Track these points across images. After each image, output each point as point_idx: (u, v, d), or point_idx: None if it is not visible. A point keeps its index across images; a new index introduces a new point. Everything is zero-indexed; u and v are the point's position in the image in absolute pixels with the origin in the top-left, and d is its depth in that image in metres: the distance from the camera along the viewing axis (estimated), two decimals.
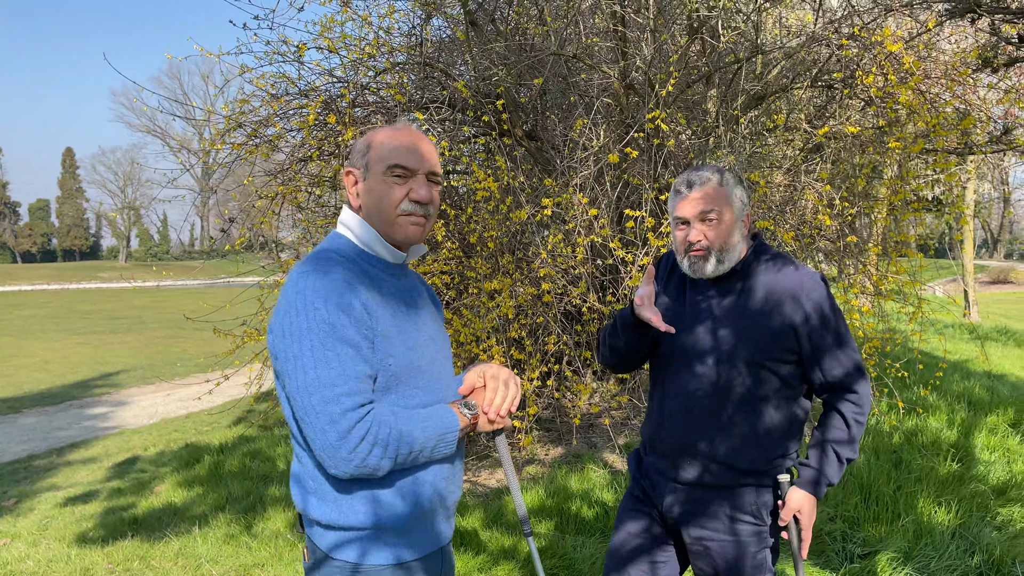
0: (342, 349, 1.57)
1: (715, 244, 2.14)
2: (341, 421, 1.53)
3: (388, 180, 1.73)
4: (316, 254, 1.70)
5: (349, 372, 1.57)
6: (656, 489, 2.28)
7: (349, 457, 1.54)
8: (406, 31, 6.35)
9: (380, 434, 1.57)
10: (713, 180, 2.15)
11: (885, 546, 4.06)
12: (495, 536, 4.31)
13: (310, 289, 1.59)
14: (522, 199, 5.10)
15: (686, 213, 2.16)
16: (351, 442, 1.54)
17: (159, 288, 43.63)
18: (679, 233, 2.20)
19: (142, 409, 10.50)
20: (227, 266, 15.33)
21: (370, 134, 1.80)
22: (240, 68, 5.88)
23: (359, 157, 1.78)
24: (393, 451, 1.59)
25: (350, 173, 1.80)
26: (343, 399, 1.54)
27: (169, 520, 5.03)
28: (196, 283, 51.08)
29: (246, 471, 5.99)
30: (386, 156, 1.74)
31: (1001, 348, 10.72)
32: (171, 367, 14.24)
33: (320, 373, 1.55)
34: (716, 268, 2.16)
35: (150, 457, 7.25)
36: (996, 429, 6.11)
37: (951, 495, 4.68)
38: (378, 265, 1.77)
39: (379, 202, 1.75)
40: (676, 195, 2.21)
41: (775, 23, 6.68)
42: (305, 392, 1.56)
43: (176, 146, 69.11)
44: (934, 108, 5.38)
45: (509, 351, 5.09)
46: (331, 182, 6.34)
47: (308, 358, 1.56)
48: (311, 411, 1.55)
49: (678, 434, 2.20)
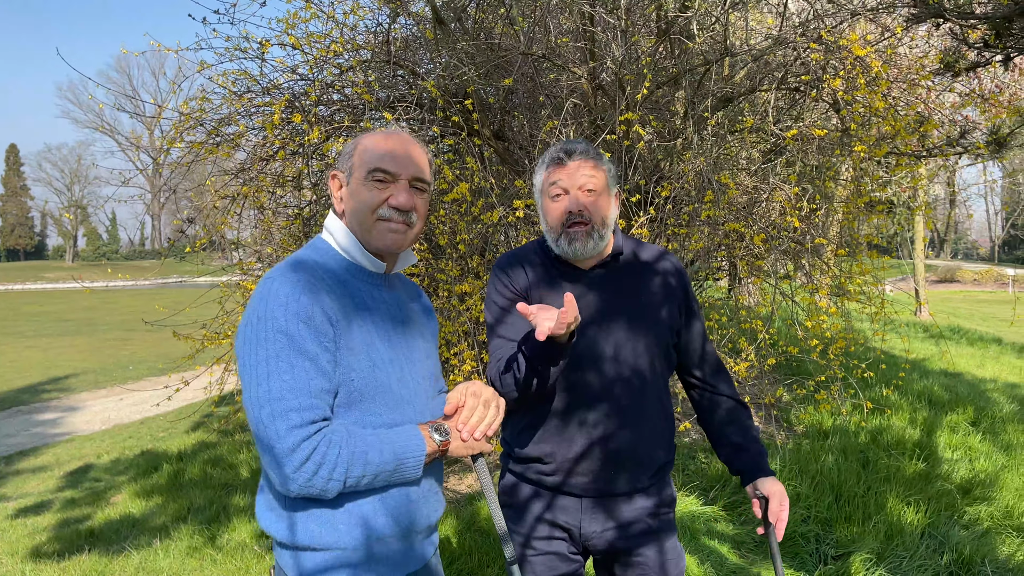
0: (297, 361, 1.49)
1: (596, 218, 1.96)
2: (287, 438, 1.46)
3: (368, 184, 1.66)
4: (290, 260, 1.62)
5: (302, 386, 1.49)
6: (568, 512, 2.03)
7: (294, 476, 1.46)
8: (372, 28, 6.22)
9: (328, 455, 1.48)
10: (591, 152, 2.01)
11: (858, 547, 4.08)
12: (467, 541, 4.23)
13: (272, 296, 1.52)
14: (493, 200, 5.03)
15: (566, 181, 1.96)
16: (296, 460, 1.46)
17: (108, 289, 42.55)
18: (555, 204, 1.98)
19: (94, 415, 10.18)
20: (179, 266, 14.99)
21: (360, 137, 1.72)
22: (200, 64, 5.70)
23: (345, 160, 1.71)
24: (342, 474, 1.50)
25: (335, 176, 1.72)
26: (291, 415, 1.47)
27: (128, 532, 4.85)
28: (147, 284, 49.90)
29: (208, 479, 5.81)
30: (369, 160, 1.67)
31: (955, 347, 10.96)
32: (123, 371, 13.85)
33: (272, 385, 1.47)
34: (597, 246, 1.98)
35: (104, 465, 7.01)
36: (957, 428, 6.21)
37: (919, 495, 4.74)
38: (358, 275, 1.69)
39: (359, 207, 1.67)
40: (554, 163, 2.00)
41: (743, 26, 6.71)
42: (256, 404, 1.48)
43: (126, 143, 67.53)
44: (896, 112, 5.45)
45: (480, 355, 5.01)
46: (295, 182, 6.19)
47: (262, 368, 1.49)
48: (260, 424, 1.48)
49: (601, 443, 1.98)
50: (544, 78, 6.29)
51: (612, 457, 1.99)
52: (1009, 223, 55.15)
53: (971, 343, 11.67)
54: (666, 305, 2.06)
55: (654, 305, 2.05)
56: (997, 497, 4.82)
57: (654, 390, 2.03)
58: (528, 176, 5.56)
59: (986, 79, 7.27)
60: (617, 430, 1.99)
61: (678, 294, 2.09)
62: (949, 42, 6.26)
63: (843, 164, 6.41)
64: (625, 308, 2.03)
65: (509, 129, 6.47)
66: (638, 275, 2.08)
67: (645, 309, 2.04)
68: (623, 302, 2.04)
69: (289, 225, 6.49)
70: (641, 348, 2.00)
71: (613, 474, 2.00)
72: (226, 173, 6.28)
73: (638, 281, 2.07)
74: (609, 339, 1.99)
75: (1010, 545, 4.25)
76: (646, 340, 2.00)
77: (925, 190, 13.82)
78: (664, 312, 2.05)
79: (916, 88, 5.67)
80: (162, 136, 5.80)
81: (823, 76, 5.36)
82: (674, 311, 2.08)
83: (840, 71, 5.18)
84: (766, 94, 6.11)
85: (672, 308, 2.07)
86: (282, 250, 6.35)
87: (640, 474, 2.02)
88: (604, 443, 1.98)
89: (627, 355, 1.99)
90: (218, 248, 7.92)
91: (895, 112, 5.32)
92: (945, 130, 6.11)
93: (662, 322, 2.04)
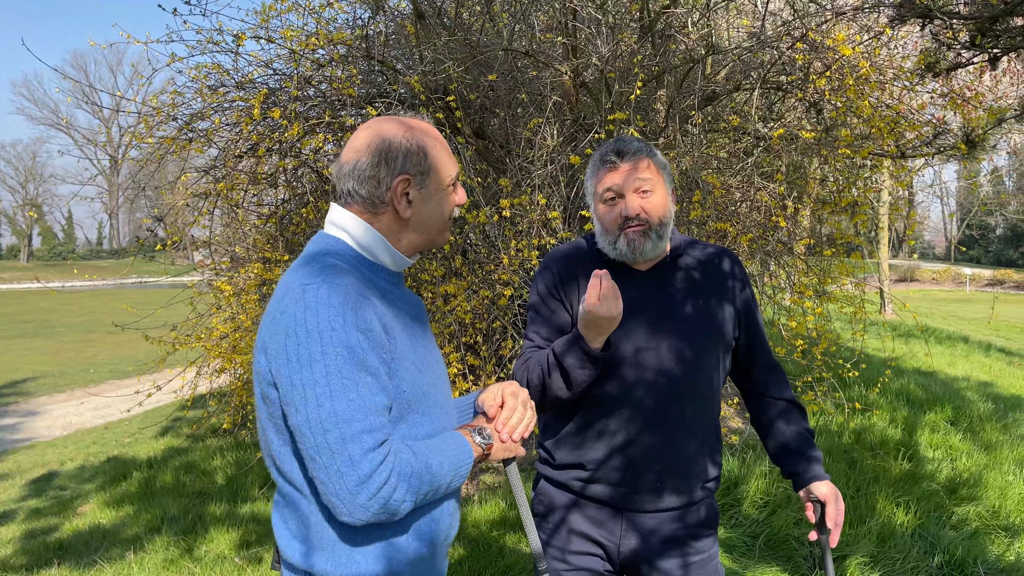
0: (361, 377, 1.37)
1: (654, 218, 1.87)
2: (362, 463, 1.33)
3: (448, 189, 1.60)
4: (316, 258, 1.47)
5: (369, 405, 1.36)
6: (605, 527, 1.94)
7: (368, 504, 1.34)
8: (350, 22, 6.07)
9: (402, 476, 1.38)
10: (644, 150, 1.92)
11: (853, 551, 4.05)
12: (458, 551, 4.12)
13: (323, 304, 1.37)
14: (479, 199, 4.91)
15: (619, 184, 1.88)
16: (372, 487, 1.34)
17: (66, 289, 41.54)
18: (609, 209, 1.90)
19: (55, 419, 9.85)
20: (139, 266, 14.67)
21: (412, 133, 1.57)
22: (170, 57, 5.50)
23: (415, 162, 1.55)
24: (414, 493, 1.40)
25: (407, 179, 1.55)
26: (364, 437, 1.34)
27: (98, 544, 4.65)
28: (105, 283, 48.75)
29: (181, 487, 5.61)
30: (446, 164, 1.59)
31: (924, 346, 11.09)
32: (83, 374, 13.46)
33: (337, 406, 1.34)
34: (655, 247, 1.90)
35: (70, 472, 6.76)
36: (937, 427, 6.25)
37: (907, 495, 4.73)
38: (380, 273, 1.57)
39: (440, 210, 1.59)
40: (603, 165, 1.91)
41: (726, 25, 6.68)
42: (319, 428, 1.34)
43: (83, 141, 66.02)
44: (880, 113, 5.45)
45: (465, 356, 4.90)
46: (270, 179, 6.02)
47: (323, 387, 1.34)
48: (325, 451, 1.34)
49: (641, 453, 1.88)
50: (525, 75, 6.19)
51: (655, 469, 1.89)
52: (964, 224, 56.41)
53: (939, 341, 11.83)
54: (724, 309, 1.97)
55: (711, 309, 1.95)
56: (983, 497, 4.83)
57: (705, 400, 1.94)
58: (510, 174, 5.46)
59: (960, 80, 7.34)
60: (663, 441, 1.89)
61: (737, 297, 2.01)
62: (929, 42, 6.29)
63: (812, 164, 6.42)
64: (680, 312, 1.93)
65: (489, 127, 6.36)
66: (695, 277, 1.98)
67: (701, 313, 1.94)
68: (678, 305, 1.94)
69: (263, 224, 6.31)
70: (694, 355, 1.91)
71: (656, 487, 1.90)
72: (197, 170, 6.08)
73: (695, 283, 1.97)
74: (661, 344, 1.90)
75: (999, 545, 4.26)
76: (700, 346, 1.91)
77: (890, 190, 14.01)
78: (721, 316, 1.96)
79: (887, 88, 5.68)
80: (121, 132, 5.58)
81: (809, 76, 5.34)
82: (732, 315, 1.99)
83: (827, 71, 5.15)
84: (749, 94, 6.09)
85: (730, 312, 1.98)
86: (256, 251, 6.17)
87: (685, 489, 1.93)
88: (648, 454, 1.89)
89: (679, 362, 1.90)
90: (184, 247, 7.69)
91: (880, 113, 5.32)
92: (926, 131, 6.13)
93: (718, 327, 1.95)
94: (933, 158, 5.95)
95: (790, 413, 2.06)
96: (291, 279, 1.45)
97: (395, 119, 1.58)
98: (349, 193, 1.56)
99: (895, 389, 7.26)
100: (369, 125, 1.58)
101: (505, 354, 5.08)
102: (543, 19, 6.43)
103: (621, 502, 1.92)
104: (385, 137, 1.54)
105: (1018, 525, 4.48)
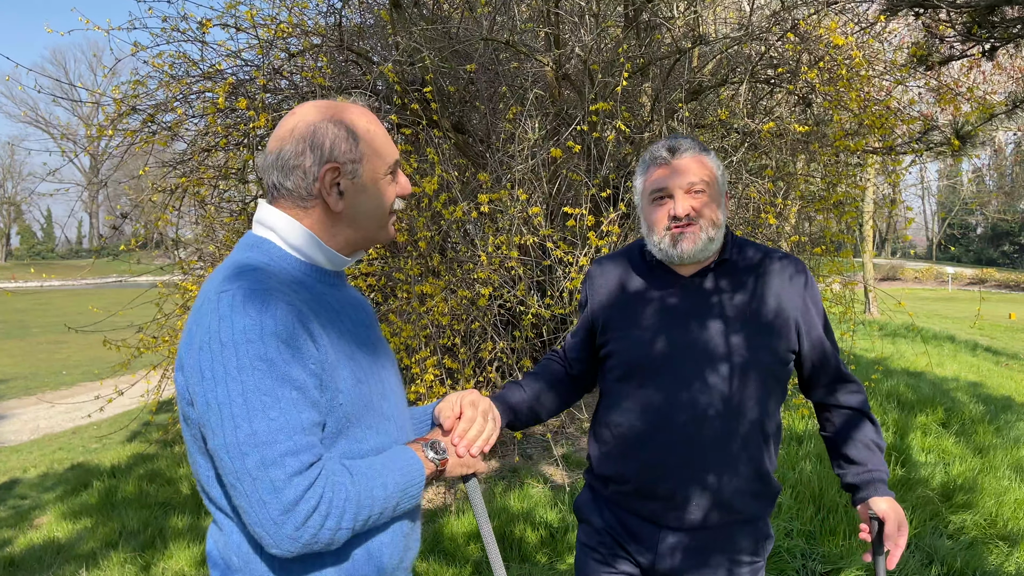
0: (284, 393, 1.20)
1: (704, 219, 1.77)
2: (286, 490, 1.17)
3: (387, 178, 1.43)
4: (238, 267, 1.30)
5: (293, 423, 1.20)
6: (641, 540, 1.85)
7: (296, 535, 1.18)
8: (323, 10, 5.82)
9: (335, 501, 1.21)
10: (696, 148, 1.81)
11: (847, 563, 3.87)
12: (432, 568, 3.89)
13: (239, 313, 1.20)
14: (457, 194, 4.69)
15: (669, 183, 1.78)
16: (299, 516, 1.17)
17: (42, 289, 40.94)
18: (657, 209, 1.80)
19: (23, 423, 9.56)
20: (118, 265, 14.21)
21: (340, 116, 1.38)
22: (133, 45, 5.24)
23: (344, 149, 1.37)
24: (351, 520, 1.24)
25: (335, 168, 1.36)
26: (288, 460, 1.18)
27: (51, 560, 4.38)
28: (84, 283, 48.09)
29: (143, 497, 5.35)
30: (381, 150, 1.41)
31: (911, 345, 10.99)
32: (55, 376, 13.13)
33: (256, 426, 1.17)
34: (706, 248, 1.77)
35: (32, 480, 6.48)
36: (928, 430, 6.09)
37: (901, 503, 4.54)
38: (313, 275, 1.39)
39: (377, 202, 1.42)
40: (653, 163, 1.82)
41: (713, 18, 6.50)
42: (237, 452, 1.17)
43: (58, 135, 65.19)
44: (872, 107, 5.28)
45: (442, 360, 4.67)
46: (239, 175, 5.76)
47: (239, 406, 1.18)
48: (245, 477, 1.17)
49: (678, 469, 1.77)
50: (506, 67, 5.97)
51: (693, 485, 1.77)
52: (946, 223, 56.76)
53: (926, 341, 11.72)
54: (778, 319, 1.80)
55: (764, 320, 1.79)
56: (979, 503, 4.67)
57: (753, 418, 1.78)
58: (490, 169, 5.24)
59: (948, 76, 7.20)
60: (701, 457, 1.76)
61: (796, 307, 1.82)
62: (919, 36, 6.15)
63: (799, 160, 6.28)
64: (727, 322, 1.78)
65: (469, 121, 6.14)
66: (747, 284, 1.82)
67: (751, 325, 1.78)
68: (724, 316, 1.79)
69: (233, 221, 6.06)
70: (736, 368, 1.76)
71: (694, 504, 1.78)
72: (164, 164, 5.82)
73: (747, 292, 1.81)
74: (701, 357, 1.77)
75: (998, 555, 4.10)
76: (744, 359, 1.76)
77: (874, 188, 13.93)
78: (773, 327, 1.79)
79: (876, 82, 5.52)
80: (96, 125, 5.31)
81: (800, 68, 5.15)
82: (789, 326, 1.81)
83: (819, 62, 4.98)
84: (736, 88, 5.90)
85: (786, 322, 1.81)
86: (225, 248, 5.92)
87: (726, 508, 1.79)
88: (684, 469, 1.77)
89: (718, 375, 1.76)
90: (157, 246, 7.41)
91: (872, 107, 5.15)
92: (915, 128, 5.98)
93: (772, 340, 1.79)
94: (922, 155, 5.81)
95: (856, 422, 1.90)
96: (208, 286, 1.28)
97: (324, 102, 1.41)
98: (275, 187, 1.38)
99: (885, 390, 7.10)
100: (296, 111, 1.41)
101: (485, 356, 4.86)
102: (524, 10, 6.21)
103: (658, 517, 1.82)
104: (310, 122, 1.36)
105: (1016, 533, 4.31)
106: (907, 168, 6.66)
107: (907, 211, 6.16)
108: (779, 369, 1.82)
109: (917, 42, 5.85)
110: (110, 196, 15.91)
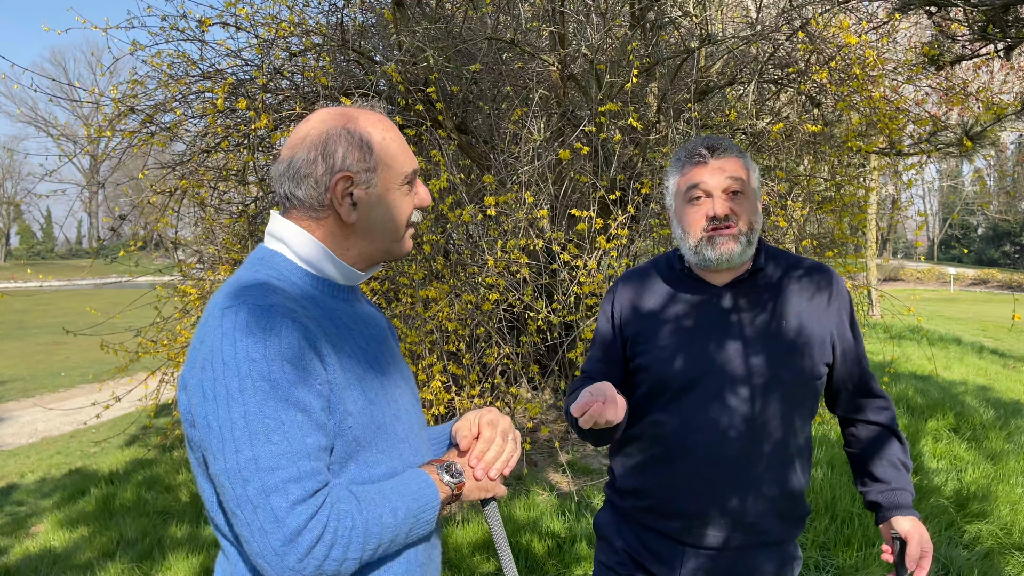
0: (288, 416, 1.13)
1: (743, 222, 1.69)
2: (288, 519, 1.09)
3: (404, 189, 1.34)
4: (244, 282, 1.22)
5: (297, 448, 1.12)
6: (662, 560, 1.77)
7: (299, 566, 1.10)
8: (325, 9, 5.73)
9: (340, 531, 1.13)
10: (734, 149, 1.73)
11: (863, 575, 3.77)
12: None
13: (242, 331, 1.13)
14: (463, 196, 4.60)
15: (708, 182, 1.69)
16: (302, 547, 1.10)
17: (42, 289, 40.86)
18: (695, 209, 1.71)
19: (21, 427, 9.45)
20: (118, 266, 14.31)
21: (355, 123, 1.31)
22: (132, 45, 5.15)
23: (358, 157, 1.29)
24: (357, 550, 1.16)
25: (348, 177, 1.29)
26: (291, 487, 1.10)
27: (47, 570, 4.29)
28: (84, 283, 47.98)
29: (142, 505, 5.25)
30: (398, 159, 1.33)
31: (917, 348, 10.89)
32: (54, 378, 13.02)
33: (258, 451, 1.10)
34: (744, 252, 1.70)
35: (29, 486, 6.38)
36: (940, 435, 6.00)
37: None
38: (325, 289, 1.32)
39: (393, 213, 1.33)
40: (692, 161, 1.73)
41: (720, 17, 6.40)
42: (238, 478, 1.10)
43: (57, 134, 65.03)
44: (884, 107, 5.19)
45: (447, 366, 4.58)
46: (239, 176, 5.67)
47: (241, 430, 1.11)
48: (246, 504, 1.10)
49: (699, 487, 1.70)
50: (510, 67, 5.88)
51: (717, 504, 1.70)
52: (947, 224, 56.67)
53: (931, 343, 11.62)
54: (814, 334, 1.72)
55: (798, 335, 1.71)
56: (994, 512, 4.57)
57: (783, 438, 1.71)
58: (494, 171, 5.15)
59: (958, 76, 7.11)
60: (726, 476, 1.69)
61: (832, 319, 1.75)
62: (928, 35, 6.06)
63: (807, 161, 6.20)
64: (759, 334, 1.71)
65: (472, 122, 6.05)
66: (781, 295, 1.74)
67: (784, 339, 1.71)
68: (757, 327, 1.71)
69: (233, 223, 5.96)
70: (766, 383, 1.68)
71: (717, 523, 1.70)
72: (164, 166, 5.73)
73: (781, 303, 1.73)
74: (735, 373, 1.69)
75: (1015, 566, 4.00)
76: (776, 374, 1.69)
77: (877, 190, 13.85)
78: (810, 342, 1.71)
79: (886, 82, 5.44)
80: (95, 125, 5.22)
81: (810, 67, 5.06)
82: (823, 340, 1.73)
83: (830, 62, 4.88)
84: (743, 88, 5.81)
85: (820, 336, 1.73)
86: (225, 250, 5.83)
87: (751, 528, 1.71)
88: (709, 488, 1.70)
89: (748, 390, 1.68)
90: (156, 247, 7.33)
91: (883, 108, 5.06)
92: (925, 129, 5.89)
93: (806, 355, 1.71)
94: (931, 156, 5.72)
95: (883, 439, 1.82)
96: (213, 302, 1.21)
97: (339, 108, 1.34)
98: (287, 196, 1.31)
99: (894, 395, 7.01)
100: (310, 117, 1.34)
101: (490, 362, 4.77)
102: (528, 9, 6.12)
103: (681, 535, 1.74)
104: (322, 129, 1.29)
105: None
106: (919, 171, 6.59)
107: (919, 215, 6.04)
108: (813, 383, 1.74)
109: (929, 41, 5.76)
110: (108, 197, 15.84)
